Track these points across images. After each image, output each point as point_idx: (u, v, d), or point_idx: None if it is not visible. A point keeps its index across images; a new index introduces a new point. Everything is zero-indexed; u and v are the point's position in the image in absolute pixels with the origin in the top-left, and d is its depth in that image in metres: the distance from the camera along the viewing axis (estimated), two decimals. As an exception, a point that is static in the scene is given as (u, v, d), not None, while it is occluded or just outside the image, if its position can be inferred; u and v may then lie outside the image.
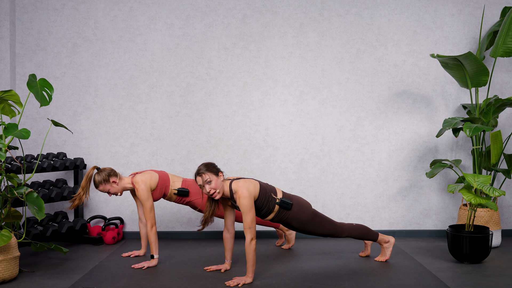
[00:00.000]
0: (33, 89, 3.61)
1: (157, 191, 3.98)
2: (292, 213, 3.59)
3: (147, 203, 3.86)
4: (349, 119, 4.91)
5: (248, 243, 3.38)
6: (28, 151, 4.90)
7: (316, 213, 3.70)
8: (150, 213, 3.86)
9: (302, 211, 3.62)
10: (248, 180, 3.48)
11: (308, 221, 3.65)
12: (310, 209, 3.67)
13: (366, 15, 4.90)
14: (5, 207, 3.65)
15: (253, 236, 3.38)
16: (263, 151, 4.91)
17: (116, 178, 3.89)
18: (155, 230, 3.86)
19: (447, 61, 4.37)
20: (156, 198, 4.00)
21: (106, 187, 3.88)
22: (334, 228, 3.75)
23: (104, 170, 3.89)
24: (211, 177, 3.41)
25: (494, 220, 4.39)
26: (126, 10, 4.90)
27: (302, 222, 3.64)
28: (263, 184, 3.54)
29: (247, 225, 3.37)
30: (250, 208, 3.38)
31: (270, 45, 4.90)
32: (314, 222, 3.67)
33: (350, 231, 3.82)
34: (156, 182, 3.96)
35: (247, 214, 3.37)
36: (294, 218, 3.61)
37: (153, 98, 4.91)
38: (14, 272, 3.49)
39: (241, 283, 3.35)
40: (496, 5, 4.89)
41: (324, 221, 3.72)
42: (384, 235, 3.97)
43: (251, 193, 3.40)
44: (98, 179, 3.87)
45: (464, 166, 4.92)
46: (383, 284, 3.37)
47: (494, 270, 3.70)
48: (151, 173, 3.98)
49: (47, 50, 4.91)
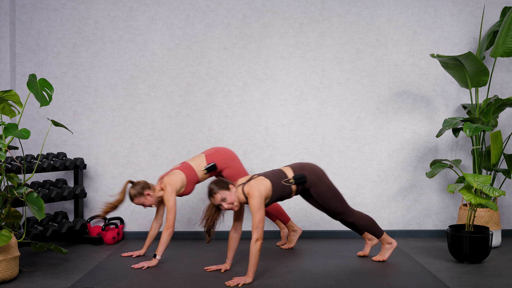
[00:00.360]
0: (33, 89, 3.61)
1: (189, 186, 4.02)
2: (309, 183, 3.65)
3: (169, 203, 3.88)
4: (349, 119, 4.91)
5: (253, 242, 3.38)
6: (28, 151, 4.90)
7: (332, 185, 3.74)
8: (169, 214, 3.87)
9: (318, 179, 3.68)
10: (258, 179, 3.51)
11: (323, 191, 3.70)
12: (325, 178, 3.73)
13: (366, 15, 4.90)
14: (5, 207, 3.65)
15: (259, 236, 3.38)
16: (263, 151, 4.91)
17: (150, 190, 3.93)
18: (169, 232, 3.86)
19: (447, 61, 4.37)
20: (191, 190, 4.06)
21: (141, 200, 3.92)
22: (346, 208, 3.79)
23: (138, 183, 3.92)
24: (224, 194, 3.43)
25: (494, 220, 4.39)
26: (126, 10, 4.91)
27: (318, 192, 3.69)
28: (272, 177, 3.56)
29: (255, 225, 3.38)
30: (259, 208, 3.39)
31: (270, 45, 4.90)
32: (328, 194, 3.71)
33: (358, 217, 3.83)
34: (183, 181, 3.98)
35: (255, 214, 3.39)
36: (312, 186, 3.67)
37: (153, 98, 4.91)
38: (14, 272, 3.49)
39: (241, 283, 3.35)
40: (496, 5, 4.89)
41: (338, 196, 3.75)
42: (388, 236, 3.97)
43: (262, 194, 3.43)
44: (133, 192, 3.91)
45: (464, 166, 4.92)
46: (383, 284, 3.37)
47: (494, 270, 3.70)
48: (176, 173, 3.97)
49: (47, 50, 4.91)
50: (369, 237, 4.11)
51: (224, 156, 4.13)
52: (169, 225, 3.85)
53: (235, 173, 4.13)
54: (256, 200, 3.40)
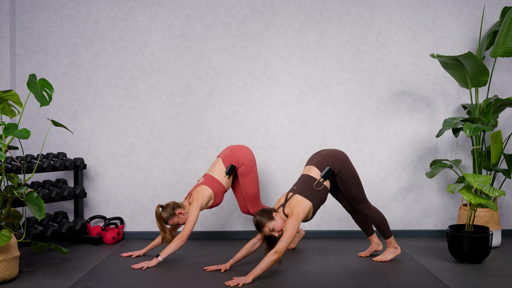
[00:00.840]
0: (33, 89, 3.60)
1: (217, 198, 4.11)
2: (336, 170, 3.75)
3: (191, 216, 3.91)
4: (349, 119, 4.91)
5: (272, 252, 3.40)
6: (28, 151, 4.90)
7: (355, 173, 3.83)
8: (187, 225, 3.88)
9: (343, 164, 3.77)
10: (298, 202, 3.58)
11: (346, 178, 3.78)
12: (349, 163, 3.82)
13: (366, 15, 4.90)
14: (5, 207, 3.65)
15: (280, 250, 3.40)
16: (263, 151, 4.91)
17: (181, 209, 3.97)
18: (181, 241, 3.84)
19: (447, 61, 4.37)
20: (220, 201, 4.15)
21: (174, 221, 3.96)
22: (364, 199, 3.88)
23: (168, 206, 3.96)
24: (271, 225, 3.47)
25: (494, 220, 4.39)
26: (126, 10, 4.91)
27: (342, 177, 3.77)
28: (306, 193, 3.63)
29: (283, 238, 3.43)
30: (292, 227, 3.45)
31: (270, 45, 4.90)
32: (351, 181, 3.81)
33: (373, 212, 3.89)
34: (211, 196, 4.06)
35: (288, 230, 3.45)
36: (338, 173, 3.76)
37: (153, 98, 4.91)
38: (14, 272, 3.49)
39: (241, 283, 3.35)
40: (496, 5, 4.89)
41: (359, 185, 3.84)
42: (395, 241, 4.00)
43: (300, 218, 3.54)
44: (165, 215, 3.94)
45: (464, 166, 4.92)
46: (383, 284, 3.37)
47: (494, 270, 3.70)
48: (204, 189, 4.03)
49: (47, 50, 4.91)
50: (376, 241, 4.11)
51: (239, 154, 4.20)
52: (183, 235, 3.85)
53: (249, 171, 4.21)
54: (293, 221, 3.47)
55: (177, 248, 3.86)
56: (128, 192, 4.90)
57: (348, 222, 4.90)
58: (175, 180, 4.90)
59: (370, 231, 4.07)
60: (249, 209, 4.29)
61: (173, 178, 4.90)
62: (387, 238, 3.94)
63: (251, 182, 4.21)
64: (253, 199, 4.25)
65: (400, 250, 4.00)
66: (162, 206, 3.97)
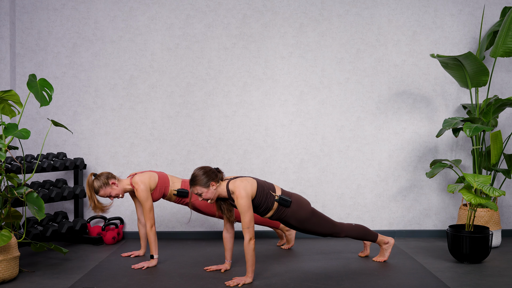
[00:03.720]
0: (33, 89, 3.61)
1: (156, 192, 3.98)
2: (291, 211, 3.58)
3: (147, 203, 3.86)
4: (349, 119, 4.91)
5: (247, 243, 3.38)
6: (28, 151, 4.90)
7: (315, 211, 3.69)
8: (149, 213, 3.85)
9: (301, 209, 3.61)
10: (244, 179, 3.47)
11: (306, 219, 3.64)
12: (309, 207, 3.66)
13: (366, 15, 4.90)
14: (5, 207, 3.65)
15: (251, 236, 3.37)
16: (263, 151, 4.91)
17: (115, 180, 3.89)
18: (154, 230, 3.85)
19: (447, 61, 4.37)
20: (156, 198, 4.00)
21: (107, 191, 3.86)
22: (333, 227, 3.74)
23: (102, 174, 3.88)
24: (200, 190, 3.41)
25: (494, 220, 4.39)
26: (126, 10, 4.91)
27: (300, 220, 3.63)
28: (261, 181, 3.53)
29: (246, 225, 3.37)
30: (248, 208, 3.37)
31: (270, 45, 4.90)
32: (312, 221, 3.66)
33: (349, 231, 3.81)
34: (155, 183, 3.96)
35: (245, 214, 3.37)
36: (293, 216, 3.61)
37: (153, 98, 4.91)
38: (14, 272, 3.49)
39: (241, 283, 3.35)
40: (496, 5, 4.89)
41: (322, 220, 3.70)
42: (383, 236, 3.95)
43: (248, 193, 3.39)
44: (97, 184, 3.85)
45: (464, 166, 4.92)
46: (383, 284, 3.37)
47: (494, 270, 3.70)
48: (150, 173, 3.97)
49: (47, 50, 4.91)
50: None
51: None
52: (152, 223, 3.85)
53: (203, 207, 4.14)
54: (243, 200, 3.37)
55: (155, 234, 3.85)
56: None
57: (348, 222, 4.90)
58: (175, 180, 4.90)
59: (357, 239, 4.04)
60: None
61: (173, 178, 4.90)
62: (375, 241, 3.94)
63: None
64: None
65: (392, 240, 3.96)
66: (95, 174, 3.89)
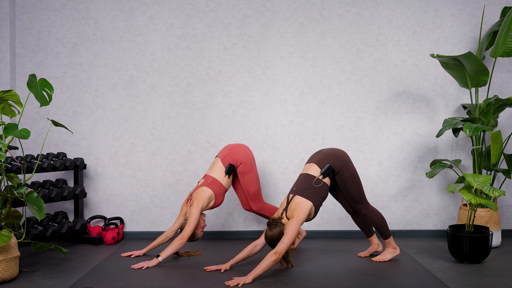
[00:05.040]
0: (33, 89, 3.61)
1: (218, 198, 4.11)
2: (337, 168, 3.75)
3: (191, 217, 3.93)
4: (349, 119, 4.91)
5: (272, 253, 3.42)
6: (28, 151, 4.90)
7: (355, 172, 3.84)
8: (188, 227, 3.90)
9: (343, 162, 3.78)
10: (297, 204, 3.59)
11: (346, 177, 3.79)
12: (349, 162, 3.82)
13: (366, 15, 4.90)
14: (5, 207, 3.65)
15: (280, 251, 3.42)
16: (263, 151, 4.91)
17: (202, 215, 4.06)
18: (181, 243, 3.87)
19: (447, 61, 4.37)
20: (222, 200, 4.16)
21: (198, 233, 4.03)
22: (363, 199, 3.89)
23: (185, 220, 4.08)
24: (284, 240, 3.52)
25: (494, 220, 4.39)
26: (126, 10, 4.90)
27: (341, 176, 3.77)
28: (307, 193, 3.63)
29: (283, 239, 3.46)
30: (293, 230, 3.48)
31: (270, 45, 4.90)
32: (350, 181, 3.81)
33: (372, 212, 3.90)
34: (211, 196, 4.07)
35: (288, 232, 3.48)
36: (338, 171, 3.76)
37: (153, 98, 4.91)
38: (14, 272, 3.49)
39: (241, 283, 3.35)
40: (496, 5, 4.89)
41: (359, 185, 3.85)
42: (394, 242, 4.00)
43: (301, 220, 3.56)
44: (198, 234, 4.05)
45: (464, 166, 4.92)
46: (383, 284, 3.37)
47: (494, 270, 3.70)
48: (204, 191, 4.04)
49: (47, 50, 4.91)
50: (376, 241, 4.11)
51: (237, 153, 4.20)
52: (184, 237, 3.88)
53: (248, 169, 4.22)
54: (294, 223, 3.50)
55: (177, 249, 3.87)
56: (128, 192, 4.90)
57: (348, 222, 4.90)
58: (175, 180, 4.90)
59: (370, 232, 4.07)
60: (252, 206, 4.31)
61: (173, 178, 4.90)
62: (386, 239, 3.95)
63: (251, 180, 4.22)
64: (255, 197, 4.28)
65: (399, 250, 4.00)
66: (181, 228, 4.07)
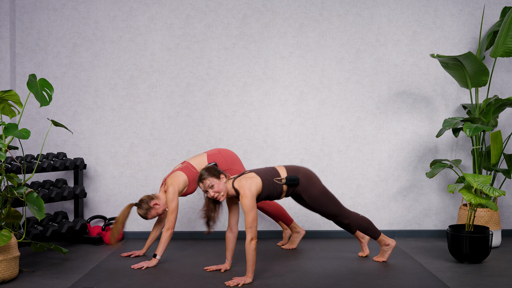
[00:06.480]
0: (33, 89, 3.61)
1: (191, 185, 4.02)
2: (301, 187, 3.61)
3: (171, 204, 3.88)
4: (349, 119, 4.91)
5: (248, 242, 3.38)
6: (28, 151, 4.90)
7: (325, 189, 3.70)
8: (171, 215, 3.87)
9: (311, 184, 3.64)
10: (249, 178, 3.49)
11: (317, 196, 3.64)
12: (319, 183, 3.68)
13: (366, 15, 4.90)
14: (5, 207, 3.65)
15: (253, 235, 3.38)
16: (263, 151, 4.91)
17: (155, 200, 3.94)
18: (170, 233, 3.86)
19: (447, 61, 4.37)
20: (194, 188, 4.05)
21: (153, 213, 3.94)
22: (341, 210, 3.73)
23: (142, 201, 3.94)
24: (213, 181, 3.42)
25: (494, 220, 4.39)
26: (126, 10, 4.91)
27: (311, 196, 3.64)
28: (263, 174, 3.54)
29: (248, 224, 3.38)
30: (252, 208, 3.39)
31: (270, 45, 4.90)
32: (322, 199, 3.67)
33: (354, 219, 3.77)
34: (186, 181, 3.98)
35: (248, 213, 3.39)
36: (304, 191, 3.63)
37: (153, 98, 4.91)
38: (14, 272, 3.49)
39: (241, 283, 3.35)
40: (496, 5, 4.89)
41: (331, 200, 3.70)
42: (386, 237, 3.94)
43: (253, 192, 3.42)
44: (142, 212, 3.92)
45: (464, 166, 4.92)
46: (383, 284, 3.37)
47: (494, 270, 3.70)
48: (178, 175, 3.96)
49: (47, 50, 4.91)
50: (360, 235, 4.09)
51: (226, 157, 4.13)
52: (170, 226, 3.86)
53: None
54: (248, 200, 3.40)
55: (169, 241, 3.87)
56: (128, 192, 4.90)
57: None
58: (175, 180, 4.90)
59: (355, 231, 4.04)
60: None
61: (173, 178, 4.90)
62: (377, 238, 3.91)
63: None
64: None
65: (394, 242, 3.94)
66: (136, 204, 3.95)
